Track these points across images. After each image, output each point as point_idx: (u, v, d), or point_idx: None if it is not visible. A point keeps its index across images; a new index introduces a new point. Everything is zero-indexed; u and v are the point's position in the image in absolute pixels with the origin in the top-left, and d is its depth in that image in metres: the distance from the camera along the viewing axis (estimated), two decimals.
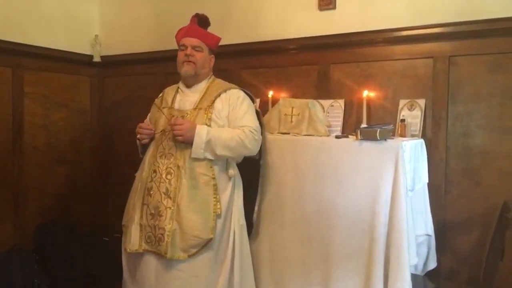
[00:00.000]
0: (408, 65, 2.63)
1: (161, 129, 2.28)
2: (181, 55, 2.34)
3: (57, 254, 3.24)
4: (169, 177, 2.19)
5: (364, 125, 2.48)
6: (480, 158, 2.45)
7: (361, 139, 2.20)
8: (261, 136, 2.33)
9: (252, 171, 2.47)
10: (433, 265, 2.45)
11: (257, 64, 3.13)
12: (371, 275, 2.15)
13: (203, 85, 2.38)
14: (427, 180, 2.44)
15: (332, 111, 2.75)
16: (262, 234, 2.50)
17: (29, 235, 3.35)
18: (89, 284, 3.21)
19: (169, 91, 2.45)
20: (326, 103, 2.77)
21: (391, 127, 2.34)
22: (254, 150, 2.31)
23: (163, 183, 2.19)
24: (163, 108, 2.36)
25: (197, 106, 2.29)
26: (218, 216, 2.19)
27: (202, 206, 2.17)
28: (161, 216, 2.15)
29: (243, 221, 2.36)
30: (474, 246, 2.46)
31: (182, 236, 2.13)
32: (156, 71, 3.54)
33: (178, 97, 2.38)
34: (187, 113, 2.28)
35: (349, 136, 2.38)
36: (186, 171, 2.18)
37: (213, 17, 2.45)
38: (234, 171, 2.32)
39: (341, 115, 2.73)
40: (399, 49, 2.64)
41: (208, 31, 2.44)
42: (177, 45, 2.40)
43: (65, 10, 3.63)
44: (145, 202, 2.22)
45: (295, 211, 2.39)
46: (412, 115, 2.53)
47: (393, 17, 2.63)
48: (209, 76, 2.43)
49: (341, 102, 2.75)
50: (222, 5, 3.25)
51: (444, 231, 2.51)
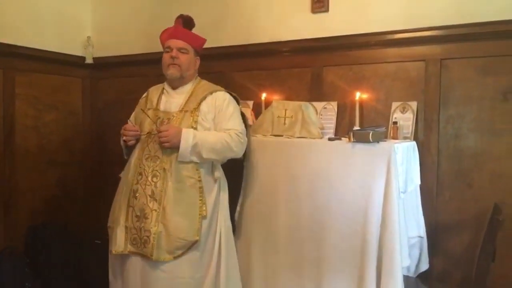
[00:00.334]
0: (400, 68, 2.64)
1: (147, 132, 2.27)
2: (166, 57, 2.33)
3: (48, 256, 3.20)
4: (155, 179, 2.19)
5: (357, 127, 2.49)
6: (471, 160, 2.47)
7: (354, 142, 2.22)
8: (246, 138, 2.35)
9: (237, 172, 2.48)
10: (425, 267, 2.46)
11: (251, 66, 3.13)
12: (364, 277, 2.16)
13: (188, 87, 2.37)
14: (419, 182, 2.45)
15: (325, 113, 2.76)
16: (254, 236, 2.50)
17: (20, 237, 3.31)
18: (80, 287, 3.18)
19: (154, 91, 2.44)
20: (319, 105, 2.78)
21: (384, 129, 2.35)
22: (239, 153, 2.32)
23: (148, 185, 2.19)
24: (148, 109, 2.35)
25: (183, 108, 2.29)
26: (203, 217, 2.20)
27: (188, 208, 2.19)
28: (146, 218, 2.16)
29: (229, 222, 2.38)
30: (466, 247, 2.47)
31: (167, 238, 2.14)
32: (148, 72, 3.51)
33: (163, 98, 2.37)
34: (173, 116, 2.27)
35: (342, 138, 2.39)
36: (172, 174, 2.18)
37: (206, 20, 2.46)
38: (219, 173, 2.34)
39: (334, 117, 2.74)
40: (392, 52, 2.66)
41: (193, 32, 2.42)
42: (161, 47, 2.39)
43: (57, 11, 3.60)
44: (131, 204, 2.22)
45: (287, 213, 2.39)
46: (404, 117, 2.55)
47: (385, 20, 2.65)
48: (195, 77, 2.43)
49: (334, 104, 2.76)
50: (215, 8, 3.24)
51: (436, 232, 2.53)
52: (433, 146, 2.54)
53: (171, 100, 2.35)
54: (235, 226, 2.48)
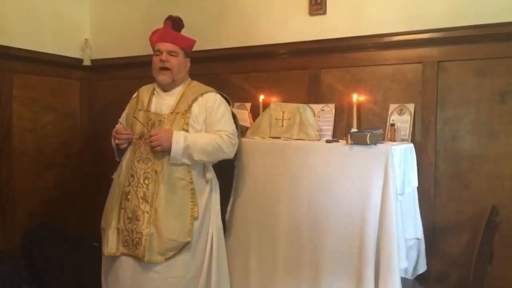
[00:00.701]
0: (397, 70, 2.65)
1: (139, 134, 2.29)
2: (156, 61, 2.34)
3: (45, 259, 3.19)
4: (146, 182, 2.21)
5: (354, 129, 2.49)
6: (469, 162, 2.47)
7: (351, 144, 2.22)
8: (237, 139, 2.35)
9: (230, 173, 2.52)
10: (422, 269, 2.46)
11: (248, 68, 3.13)
12: (361, 279, 2.16)
13: (179, 88, 2.38)
14: (416, 184, 2.45)
15: (322, 115, 2.77)
16: (251, 239, 2.50)
17: (17, 240, 3.30)
18: None
19: (145, 91, 2.45)
20: (316, 107, 2.78)
21: (381, 131, 2.36)
22: (230, 154, 2.34)
23: (140, 187, 2.20)
24: (139, 110, 2.36)
25: (174, 110, 2.30)
26: (195, 218, 2.22)
27: (179, 210, 2.20)
28: (138, 220, 2.17)
29: (220, 223, 2.40)
30: (463, 249, 2.47)
31: (159, 240, 2.16)
32: (146, 74, 3.46)
33: (154, 99, 2.38)
34: (164, 118, 2.28)
35: (340, 140, 2.39)
36: (164, 176, 2.20)
37: (204, 22, 2.46)
38: (211, 175, 2.35)
39: (332, 119, 2.75)
40: (389, 54, 2.66)
41: (182, 33, 2.42)
42: (151, 48, 2.39)
43: (55, 13, 3.60)
44: (123, 206, 2.23)
45: (285, 215, 2.39)
46: (401, 119, 2.55)
47: (382, 22, 2.65)
48: (186, 79, 2.44)
49: (332, 106, 2.77)
50: (213, 10, 3.24)
51: (433, 234, 2.53)
52: (430, 148, 2.54)
53: (162, 101, 2.36)
54: (226, 226, 2.50)
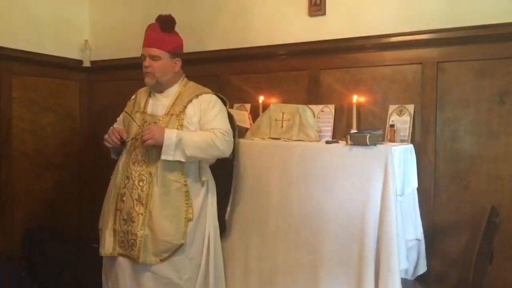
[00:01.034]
0: (397, 71, 2.65)
1: (132, 137, 2.30)
2: (142, 65, 2.35)
3: (45, 260, 3.19)
4: (141, 184, 2.22)
5: (354, 130, 2.49)
6: (468, 162, 2.47)
7: (351, 145, 2.22)
8: (232, 138, 2.35)
9: (226, 173, 2.51)
10: (423, 269, 2.45)
11: (248, 69, 3.13)
12: (361, 281, 2.15)
13: (175, 89, 2.39)
14: (416, 184, 2.45)
15: (322, 116, 2.77)
16: (249, 240, 2.49)
17: (16, 241, 3.31)
18: None
19: (142, 94, 2.46)
20: (316, 108, 2.78)
21: (381, 132, 2.36)
22: (226, 151, 2.31)
23: (135, 189, 2.22)
24: (136, 112, 2.37)
25: (168, 111, 2.31)
26: (190, 220, 2.23)
27: (173, 212, 2.21)
28: (133, 222, 2.19)
29: (217, 223, 2.41)
30: (463, 249, 2.48)
31: (154, 241, 2.17)
32: None
33: (150, 101, 2.40)
34: (159, 119, 2.29)
35: (339, 141, 2.39)
36: (158, 178, 2.21)
37: (203, 23, 2.45)
38: (206, 177, 2.36)
39: (331, 120, 2.75)
40: (388, 55, 2.66)
41: (172, 33, 2.39)
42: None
43: (55, 14, 3.60)
44: (118, 207, 2.25)
45: (284, 216, 2.39)
46: (401, 120, 2.55)
47: (382, 23, 2.66)
48: (181, 79, 2.43)
49: (331, 107, 2.77)
50: (212, 10, 3.25)
51: (433, 234, 2.53)
52: (430, 148, 2.55)
53: (158, 103, 2.37)
54: (225, 226, 2.50)
